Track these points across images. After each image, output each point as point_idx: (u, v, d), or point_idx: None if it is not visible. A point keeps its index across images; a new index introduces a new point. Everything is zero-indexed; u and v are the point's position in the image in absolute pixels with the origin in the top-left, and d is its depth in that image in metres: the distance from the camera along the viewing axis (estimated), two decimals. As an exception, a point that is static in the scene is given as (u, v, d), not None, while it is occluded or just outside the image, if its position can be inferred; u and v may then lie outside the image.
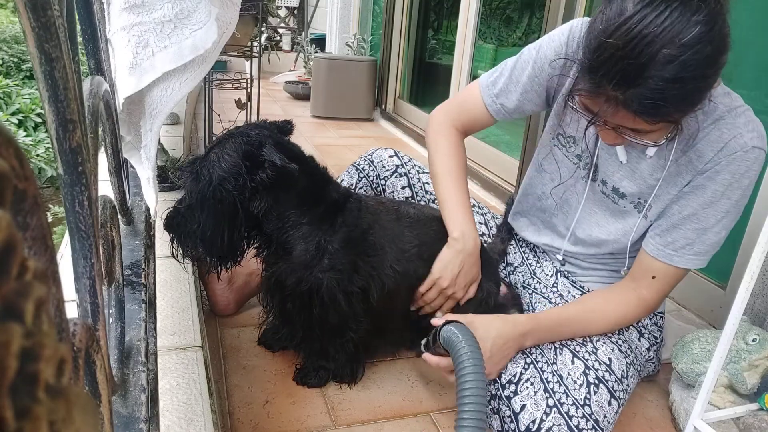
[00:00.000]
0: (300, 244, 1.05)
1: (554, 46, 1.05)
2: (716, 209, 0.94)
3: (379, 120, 3.88)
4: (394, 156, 1.36)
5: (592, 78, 0.82)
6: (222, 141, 1.02)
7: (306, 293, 1.05)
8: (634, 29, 0.77)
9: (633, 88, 0.79)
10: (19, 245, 0.14)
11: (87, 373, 0.37)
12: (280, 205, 1.04)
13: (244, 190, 1.00)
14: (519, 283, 1.29)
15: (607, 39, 0.79)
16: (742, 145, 0.90)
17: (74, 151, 0.40)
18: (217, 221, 0.99)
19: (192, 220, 1.00)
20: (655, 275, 1.00)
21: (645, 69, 0.77)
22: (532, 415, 0.92)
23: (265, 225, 1.05)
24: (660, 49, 0.76)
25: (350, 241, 1.06)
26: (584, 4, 1.92)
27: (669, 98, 0.79)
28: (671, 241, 0.98)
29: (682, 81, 0.78)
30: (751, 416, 1.05)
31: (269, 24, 5.64)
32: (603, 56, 0.80)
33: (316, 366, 1.13)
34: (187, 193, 1.02)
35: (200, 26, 0.77)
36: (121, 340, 0.55)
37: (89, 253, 0.43)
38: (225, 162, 0.99)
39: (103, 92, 0.60)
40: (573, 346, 1.01)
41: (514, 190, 2.24)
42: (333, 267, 1.04)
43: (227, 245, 1.01)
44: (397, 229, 1.11)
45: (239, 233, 1.02)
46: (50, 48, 0.35)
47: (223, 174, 0.98)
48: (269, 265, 1.10)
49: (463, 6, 2.83)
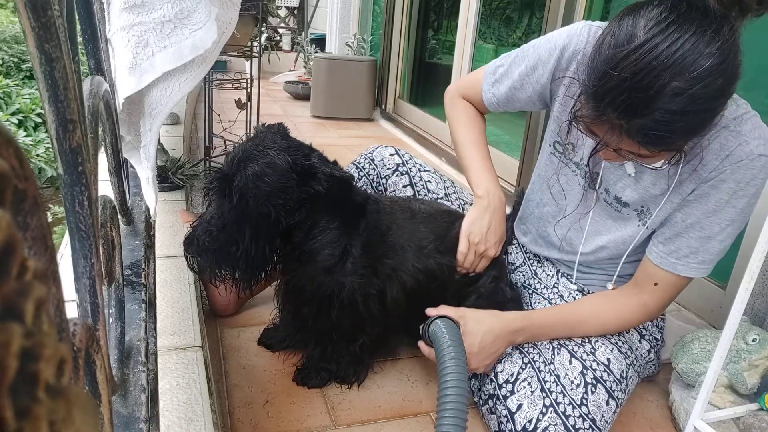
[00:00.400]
0: (327, 249, 1.03)
1: (549, 48, 1.05)
2: (720, 217, 0.92)
3: (379, 120, 3.88)
4: (395, 154, 1.36)
5: (596, 105, 0.80)
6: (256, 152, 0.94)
7: (326, 297, 1.03)
8: (643, 60, 0.74)
9: (638, 118, 0.77)
10: (19, 245, 0.14)
11: (87, 373, 0.37)
12: (315, 213, 1.01)
13: (290, 202, 0.95)
14: (519, 282, 1.29)
15: (613, 68, 0.76)
16: (747, 153, 0.87)
17: (74, 151, 0.40)
18: (258, 240, 0.94)
19: (229, 242, 0.94)
20: (658, 282, 0.99)
21: (652, 101, 0.75)
22: (528, 414, 0.92)
23: (296, 234, 1.01)
24: (669, 82, 0.74)
25: (371, 244, 1.05)
26: (584, 4, 1.91)
27: (675, 130, 0.77)
28: (674, 250, 0.97)
29: (690, 114, 0.76)
30: (751, 416, 1.05)
31: (269, 24, 5.64)
32: (609, 85, 0.77)
33: (317, 367, 1.12)
34: (218, 213, 0.94)
35: (200, 26, 0.77)
36: (121, 340, 0.55)
37: (89, 253, 0.43)
38: (270, 177, 0.93)
39: (103, 92, 0.60)
40: (571, 346, 1.01)
41: (514, 190, 2.24)
42: (355, 271, 1.03)
43: (261, 262, 0.97)
44: (412, 227, 1.11)
45: (273, 247, 0.99)
46: (50, 48, 0.35)
47: (269, 189, 0.92)
48: (287, 271, 1.08)
49: (463, 6, 2.83)
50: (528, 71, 1.08)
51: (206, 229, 0.95)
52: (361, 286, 1.04)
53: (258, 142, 0.96)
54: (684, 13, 0.74)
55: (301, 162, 0.95)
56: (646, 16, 0.76)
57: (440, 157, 2.94)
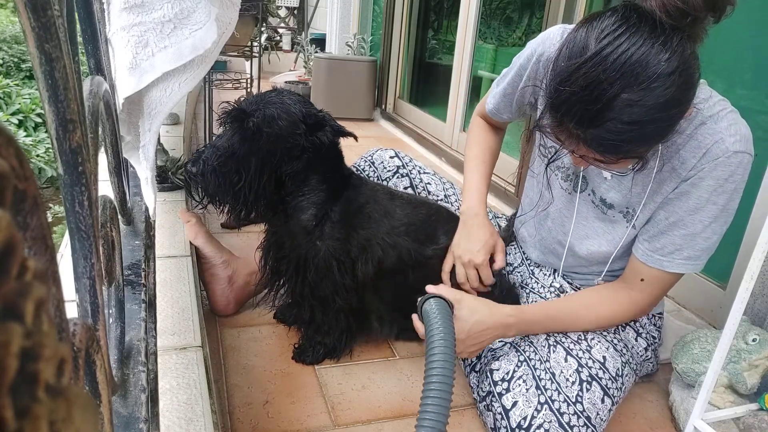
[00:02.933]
0: (312, 209, 1.09)
1: (527, 55, 1.08)
2: (702, 215, 0.92)
3: (379, 120, 3.88)
4: (395, 157, 1.36)
5: (554, 116, 0.82)
6: (275, 98, 1.02)
7: (302, 258, 1.10)
8: (591, 72, 0.75)
9: (592, 128, 0.78)
10: (19, 245, 0.14)
11: (87, 373, 0.37)
12: (308, 170, 1.07)
13: (295, 149, 1.02)
14: (517, 282, 1.29)
15: (566, 81, 0.77)
16: (723, 150, 0.88)
17: (74, 151, 0.40)
18: (260, 175, 1.01)
19: (233, 170, 1.00)
20: (644, 278, 1.00)
21: (603, 112, 0.76)
22: (523, 411, 0.92)
23: (287, 186, 1.07)
24: (619, 93, 0.74)
25: (349, 213, 1.11)
26: (584, 3, 1.91)
27: (629, 139, 0.78)
28: (659, 247, 0.97)
29: (643, 123, 0.76)
30: (751, 416, 1.05)
31: (269, 24, 5.64)
32: (562, 97, 0.79)
33: (312, 342, 1.18)
34: (229, 143, 1.00)
35: (200, 26, 0.77)
36: (121, 340, 0.55)
37: (89, 253, 0.43)
38: (284, 121, 1.00)
39: (103, 92, 0.60)
40: (567, 343, 1.01)
41: (514, 190, 2.24)
42: (332, 236, 1.09)
43: (253, 200, 1.03)
44: (390, 206, 1.17)
45: (268, 190, 1.04)
46: (50, 48, 0.35)
47: (280, 132, 1.00)
48: (271, 225, 1.16)
49: (463, 6, 2.83)
50: (516, 79, 1.12)
51: (215, 153, 1.00)
52: (335, 251, 1.10)
53: (277, 93, 1.05)
54: (634, 24, 0.75)
55: (314, 113, 1.04)
56: (599, 27, 0.77)
57: (440, 157, 2.94)
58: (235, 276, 1.30)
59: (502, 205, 2.28)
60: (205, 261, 1.29)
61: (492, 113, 1.22)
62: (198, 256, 1.29)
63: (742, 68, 1.43)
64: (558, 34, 1.03)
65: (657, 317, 1.18)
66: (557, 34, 1.03)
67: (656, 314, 1.17)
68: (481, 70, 2.85)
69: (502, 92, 1.16)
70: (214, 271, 1.29)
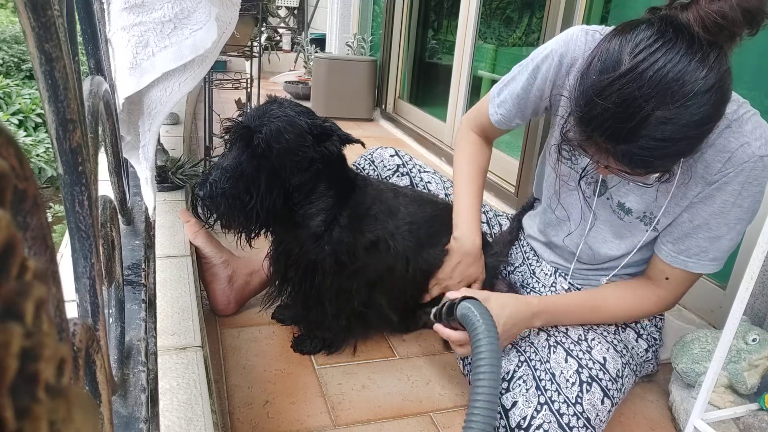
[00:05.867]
0: (320, 215, 1.08)
1: (545, 55, 1.05)
2: (727, 218, 0.92)
3: (379, 120, 3.88)
4: (395, 155, 1.36)
5: (583, 130, 0.80)
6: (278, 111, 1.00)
7: (311, 263, 1.10)
8: (626, 89, 0.73)
9: (623, 144, 0.77)
10: (19, 245, 0.14)
11: (87, 373, 0.37)
12: (317, 178, 1.06)
13: (303, 161, 1.01)
14: (518, 282, 1.29)
15: (598, 96, 0.75)
16: (749, 154, 0.87)
17: (74, 151, 0.40)
18: (270, 192, 1.00)
19: (244, 190, 0.98)
20: (669, 277, 1.01)
21: (637, 129, 0.75)
22: (522, 411, 0.92)
23: (295, 196, 1.06)
24: (654, 111, 0.73)
25: (357, 216, 1.11)
26: (584, 4, 1.91)
27: (660, 156, 0.77)
28: (684, 249, 0.98)
29: (676, 140, 0.75)
30: (751, 416, 1.05)
31: (269, 24, 5.64)
32: (594, 112, 0.77)
33: (311, 335, 1.20)
34: (236, 162, 0.99)
35: (200, 26, 0.77)
36: (121, 340, 0.55)
37: (89, 253, 0.43)
38: (290, 134, 0.98)
39: (103, 92, 0.60)
40: (567, 344, 1.01)
41: (514, 191, 2.24)
42: (341, 240, 1.09)
43: (264, 218, 1.02)
44: (394, 205, 1.17)
45: (278, 205, 1.03)
46: (50, 48, 0.35)
47: (288, 146, 0.98)
48: (280, 234, 1.15)
49: (463, 6, 2.83)
50: (530, 82, 1.09)
51: (223, 174, 0.98)
52: (344, 255, 1.10)
53: (279, 105, 1.02)
54: (670, 39, 0.73)
55: (319, 124, 1.02)
56: (634, 40, 0.75)
57: (440, 157, 2.94)
58: (235, 276, 1.30)
59: (502, 205, 2.28)
60: (205, 261, 1.29)
61: (500, 123, 1.17)
62: (198, 256, 1.29)
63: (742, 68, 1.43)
64: (581, 37, 1.00)
65: (658, 318, 1.18)
66: (580, 36, 1.00)
67: (657, 315, 1.17)
68: (481, 70, 2.85)
69: (515, 98, 1.12)
70: (214, 270, 1.29)
